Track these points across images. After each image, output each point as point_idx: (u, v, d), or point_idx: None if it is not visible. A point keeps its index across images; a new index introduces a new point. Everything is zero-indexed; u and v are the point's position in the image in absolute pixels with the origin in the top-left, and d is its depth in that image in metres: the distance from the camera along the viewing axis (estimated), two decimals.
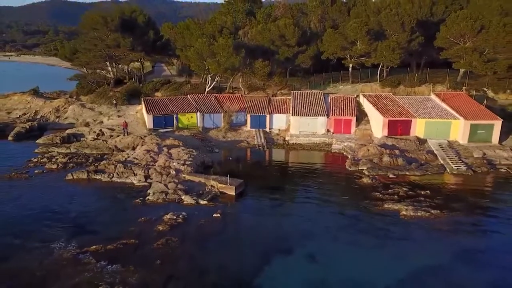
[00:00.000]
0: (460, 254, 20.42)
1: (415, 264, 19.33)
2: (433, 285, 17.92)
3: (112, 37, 53.39)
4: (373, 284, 17.86)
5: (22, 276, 17.91)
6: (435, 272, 18.84)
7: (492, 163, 33.51)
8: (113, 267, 18.44)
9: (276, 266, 19.19)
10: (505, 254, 20.71)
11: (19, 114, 50.67)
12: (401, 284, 17.92)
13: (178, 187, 27.55)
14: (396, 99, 42.25)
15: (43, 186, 28.56)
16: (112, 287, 16.78)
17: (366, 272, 18.75)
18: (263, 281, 18.07)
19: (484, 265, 19.76)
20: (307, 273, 18.70)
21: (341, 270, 18.90)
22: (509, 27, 42.21)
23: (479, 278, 18.64)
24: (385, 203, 25.62)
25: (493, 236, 22.77)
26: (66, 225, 22.54)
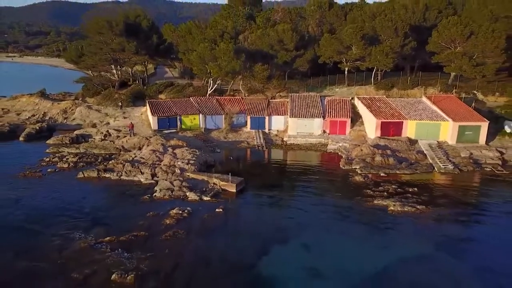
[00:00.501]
0: (442, 244, 22.43)
1: (400, 253, 21.39)
2: (415, 271, 19.95)
3: (117, 41, 55.39)
4: (361, 270, 19.88)
5: (46, 262, 19.94)
6: (418, 260, 20.89)
7: (478, 162, 35.56)
8: (126, 255, 20.49)
9: (273, 255, 21.24)
10: (484, 244, 22.76)
11: (28, 116, 52.70)
12: (387, 270, 19.94)
13: (183, 184, 29.61)
14: (389, 102, 44.30)
15: (56, 184, 30.60)
16: (126, 272, 18.79)
17: (355, 259, 20.80)
18: (262, 268, 20.10)
19: (464, 253, 21.76)
20: (302, 260, 20.74)
21: (332, 258, 20.92)
22: (497, 33, 44.25)
23: (459, 264, 20.65)
24: (375, 199, 27.67)
25: (473, 228, 24.82)
26: (82, 219, 24.60)
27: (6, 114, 54.26)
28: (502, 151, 37.30)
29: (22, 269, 19.45)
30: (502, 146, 38.44)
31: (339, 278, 19.18)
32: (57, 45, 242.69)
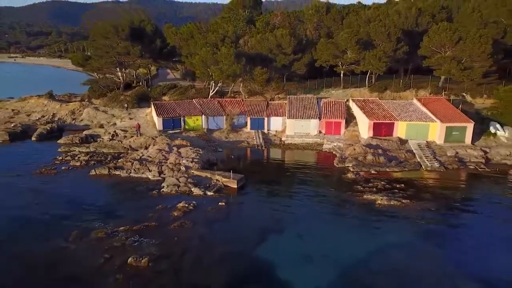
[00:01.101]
0: (422, 233, 24.92)
1: (383, 241, 23.87)
2: (397, 256, 22.41)
3: (122, 45, 57.86)
4: (349, 255, 22.35)
5: (69, 248, 22.41)
6: (400, 246, 23.37)
7: (463, 161, 38.06)
8: (139, 242, 22.97)
9: (271, 242, 23.72)
10: (461, 233, 25.26)
11: (38, 117, 55.18)
12: (372, 255, 22.41)
13: (188, 181, 32.09)
14: (381, 103, 46.79)
15: (71, 181, 33.09)
16: (141, 256, 21.26)
17: (344, 247, 23.31)
18: (260, 254, 22.56)
19: (442, 241, 24.21)
20: (296, 247, 23.22)
21: (323, 245, 23.37)
22: (484, 39, 46.71)
23: (437, 250, 23.12)
24: (365, 194, 30.17)
25: (452, 219, 27.28)
26: (97, 211, 27.10)
27: (16, 115, 56.75)
28: (486, 150, 39.81)
29: (48, 254, 21.91)
30: (486, 146, 40.94)
31: (328, 262, 21.63)
32: (59, 45, 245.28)
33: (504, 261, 22.07)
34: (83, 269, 20.51)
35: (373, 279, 20.23)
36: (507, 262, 21.95)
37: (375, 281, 20.06)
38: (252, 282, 19.99)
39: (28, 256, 21.72)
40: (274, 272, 20.68)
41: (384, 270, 21.07)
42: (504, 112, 44.81)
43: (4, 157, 39.13)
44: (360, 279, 20.31)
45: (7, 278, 19.93)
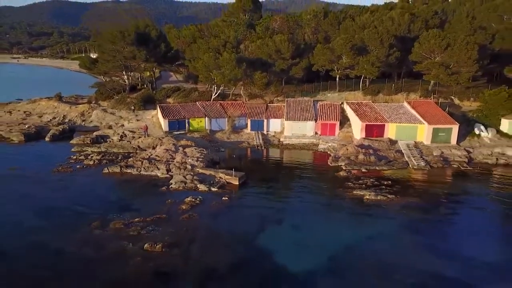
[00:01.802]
0: (405, 225, 27.94)
1: (369, 230, 26.88)
2: (380, 244, 25.40)
3: (128, 49, 60.87)
4: (339, 242, 25.37)
5: (92, 237, 25.42)
6: (382, 235, 26.38)
7: (447, 160, 41.10)
8: (153, 231, 25.98)
9: (270, 232, 26.76)
10: (439, 224, 28.28)
11: (49, 118, 58.18)
12: (357, 243, 25.42)
13: (194, 178, 35.10)
14: (374, 106, 49.80)
15: (86, 178, 36.08)
16: (155, 243, 24.26)
17: (333, 235, 26.32)
18: (260, 242, 25.57)
19: (421, 231, 27.20)
20: (292, 236, 26.25)
21: (316, 234, 26.37)
22: (471, 45, 49.68)
23: (418, 240, 26.06)
24: (355, 190, 33.19)
25: (431, 212, 30.23)
26: (113, 205, 30.10)
27: (29, 117, 59.77)
28: (470, 150, 42.86)
29: (73, 240, 24.91)
30: (470, 146, 43.99)
31: (320, 248, 24.60)
32: (61, 46, 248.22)
33: (477, 247, 25.08)
34: (106, 253, 23.52)
35: (357, 262, 23.25)
36: (479, 248, 24.94)
37: (359, 264, 23.07)
38: (253, 264, 22.99)
39: (56, 242, 24.72)
40: (272, 256, 23.70)
41: (367, 255, 24.06)
42: (489, 115, 47.85)
43: (23, 156, 42.13)
44: (346, 262, 23.34)
45: (39, 260, 22.90)
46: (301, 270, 22.24)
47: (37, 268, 22.24)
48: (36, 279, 21.34)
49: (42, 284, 20.97)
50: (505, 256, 24.47)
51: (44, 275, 21.60)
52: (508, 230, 28.65)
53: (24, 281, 21.15)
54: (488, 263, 23.27)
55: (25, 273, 21.81)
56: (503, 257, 24.25)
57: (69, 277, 21.51)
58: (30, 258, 23.27)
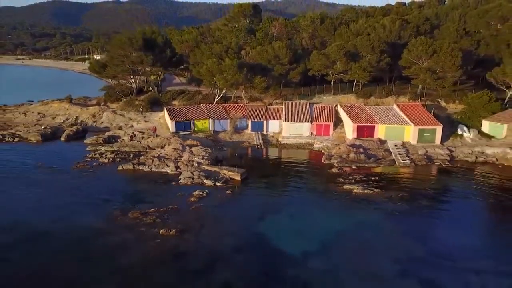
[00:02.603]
0: (386, 214, 31.81)
1: (356, 219, 30.77)
2: (364, 229, 29.29)
3: (136, 54, 64.73)
4: (328, 228, 29.26)
5: (113, 224, 29.31)
6: (367, 223, 30.24)
7: (431, 158, 45.01)
8: (166, 220, 29.88)
9: (269, 220, 30.66)
10: (417, 213, 32.14)
11: (63, 119, 62.11)
12: (345, 228, 29.32)
13: (200, 174, 39.00)
14: (365, 108, 53.70)
15: (103, 174, 40.00)
16: (170, 229, 28.15)
17: (325, 222, 30.21)
18: (260, 228, 29.46)
19: (401, 220, 31.06)
20: (289, 223, 30.17)
21: (309, 222, 30.26)
22: (455, 52, 53.60)
23: (397, 227, 29.93)
24: (345, 185, 37.09)
25: (411, 203, 34.02)
26: (129, 198, 33.99)
27: (43, 118, 63.71)
28: (452, 149, 46.79)
29: (96, 227, 28.79)
30: (453, 145, 47.92)
31: (312, 234, 28.46)
32: (64, 47, 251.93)
33: (449, 232, 28.98)
34: (127, 238, 27.39)
35: (343, 244, 27.16)
36: (451, 232, 28.83)
37: (345, 246, 26.98)
38: (253, 247, 26.87)
39: (80, 229, 28.61)
40: (270, 240, 27.58)
41: (352, 238, 27.98)
42: (471, 116, 51.78)
43: (43, 155, 46.00)
44: (334, 244, 27.24)
45: (65, 244, 26.76)
46: (296, 251, 26.13)
47: (69, 248, 26.13)
48: (69, 255, 25.21)
49: (74, 260, 24.81)
50: (474, 238, 28.34)
51: (75, 253, 25.49)
52: (479, 217, 32.52)
53: (61, 256, 25.01)
54: (459, 245, 27.17)
55: (61, 250, 25.72)
56: (472, 239, 28.12)
57: (98, 255, 25.42)
58: (64, 238, 27.21)
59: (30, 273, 23.45)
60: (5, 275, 23.44)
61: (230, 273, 23.71)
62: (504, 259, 25.82)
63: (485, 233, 30.15)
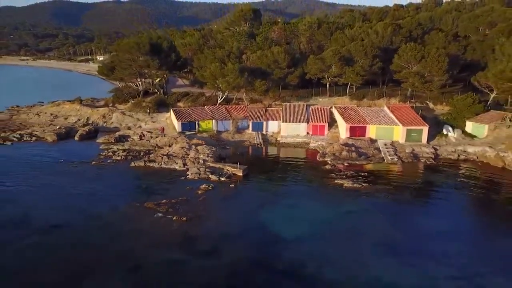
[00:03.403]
0: (372, 205, 35.80)
1: (344, 208, 34.80)
2: (351, 218, 33.32)
3: (143, 59, 68.74)
4: (320, 216, 33.26)
5: (130, 213, 33.32)
6: (354, 212, 34.26)
7: (417, 156, 49.01)
8: (177, 209, 33.90)
9: (267, 209, 34.66)
10: (400, 204, 36.16)
11: (75, 120, 66.13)
12: (335, 216, 33.35)
13: (206, 170, 43.00)
14: (358, 110, 57.70)
15: (117, 170, 44.00)
16: (180, 217, 32.18)
17: (317, 211, 34.21)
18: (260, 216, 33.44)
19: (386, 210, 34.98)
20: (285, 212, 34.18)
21: (303, 211, 34.28)
22: (442, 57, 57.60)
23: (380, 216, 33.91)
24: (336, 180, 41.13)
25: (395, 196, 38.06)
26: (143, 191, 38.04)
27: (56, 119, 67.74)
28: (437, 148, 50.79)
29: (116, 215, 32.81)
30: (438, 144, 51.91)
31: (306, 221, 32.47)
32: (67, 48, 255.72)
33: (428, 219, 32.99)
34: (145, 224, 31.43)
35: (332, 229, 31.20)
36: (430, 220, 32.84)
37: (334, 231, 31.02)
38: (254, 231, 30.89)
39: (105, 216, 32.65)
40: (269, 226, 31.61)
41: (341, 225, 32.03)
42: (456, 117, 55.72)
43: (60, 153, 49.96)
44: (324, 229, 31.25)
45: (88, 231, 30.75)
46: (290, 235, 30.16)
47: (92, 233, 30.16)
48: (96, 237, 29.22)
49: (97, 245, 28.80)
50: (447, 224, 32.31)
51: (102, 235, 29.52)
52: (455, 207, 36.43)
53: (90, 237, 29.03)
54: (434, 230, 31.23)
55: (84, 236, 29.75)
56: (445, 225, 32.09)
57: (121, 236, 29.45)
58: (87, 225, 31.25)
59: (67, 247, 27.48)
60: (46, 247, 27.43)
61: (233, 252, 27.73)
62: (471, 239, 29.93)
63: (458, 220, 34.09)
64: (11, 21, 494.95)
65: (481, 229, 33.31)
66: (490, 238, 30.87)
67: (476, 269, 26.28)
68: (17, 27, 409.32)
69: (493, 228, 32.77)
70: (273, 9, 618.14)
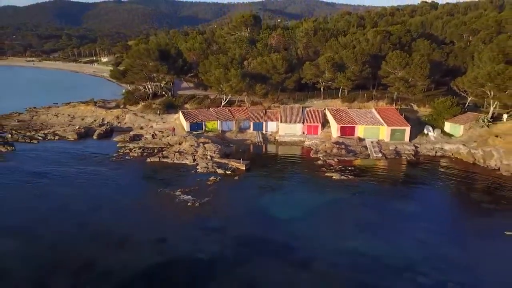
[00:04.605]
0: (356, 193, 42.16)
1: (332, 196, 41.15)
2: (337, 204, 39.67)
3: (153, 64, 75.10)
4: (310, 202, 39.59)
5: (151, 200, 39.65)
6: (340, 200, 40.60)
7: (399, 153, 55.35)
8: (191, 196, 40.25)
9: (266, 197, 41.06)
10: (380, 193, 42.48)
11: (91, 120, 72.44)
12: (324, 203, 39.69)
13: (213, 165, 49.33)
14: (348, 112, 64.04)
15: (135, 165, 50.36)
16: (194, 203, 38.52)
17: (308, 199, 40.59)
18: (260, 202, 39.78)
19: (367, 197, 41.31)
20: (282, 199, 40.60)
21: (297, 198, 40.64)
22: (424, 64, 63.89)
23: (362, 202, 40.24)
24: (326, 173, 47.50)
25: (377, 186, 44.42)
26: (160, 182, 44.41)
27: (73, 119, 74.05)
28: (417, 146, 57.14)
29: (139, 202, 39.17)
30: (419, 143, 58.25)
31: (298, 206, 38.81)
32: (72, 50, 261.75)
33: (402, 205, 39.33)
34: (167, 207, 37.83)
35: (320, 213, 37.59)
36: (403, 206, 39.17)
37: (321, 214, 37.38)
38: (255, 213, 37.27)
39: (130, 202, 39.02)
40: (267, 209, 38.01)
41: (327, 209, 38.41)
42: (437, 118, 62.05)
43: (82, 150, 56.33)
44: (313, 212, 37.61)
45: (122, 211, 37.12)
46: (285, 216, 36.57)
47: (126, 213, 36.54)
48: (126, 218, 35.57)
49: (129, 221, 35.15)
50: (419, 207, 38.65)
51: (131, 216, 35.89)
52: (428, 194, 42.74)
53: (121, 217, 35.39)
54: (409, 213, 37.66)
55: (119, 215, 36.13)
56: (416, 208, 38.45)
57: (147, 218, 35.83)
58: (122, 207, 37.72)
59: (108, 220, 33.87)
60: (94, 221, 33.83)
61: (238, 229, 34.21)
62: (437, 218, 36.47)
63: (429, 204, 40.47)
64: (13, 21, 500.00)
65: (448, 211, 39.75)
66: (454, 218, 37.42)
67: (437, 241, 32.64)
68: (19, 27, 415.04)
69: (457, 210, 39.37)
70: (273, 9, 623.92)
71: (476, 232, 34.23)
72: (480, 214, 38.10)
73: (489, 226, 35.18)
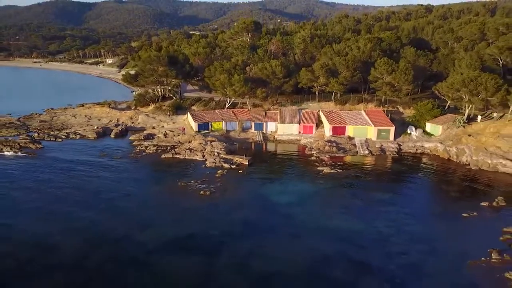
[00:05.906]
0: (344, 184, 49.30)
1: (322, 186, 48.31)
2: (326, 192, 46.81)
3: (162, 69, 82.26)
4: (303, 191, 46.72)
5: (170, 189, 46.79)
6: (329, 189, 47.77)
7: (384, 150, 62.51)
8: (203, 186, 47.37)
9: (266, 187, 48.22)
10: (365, 184, 49.59)
11: (107, 121, 79.52)
12: (315, 191, 46.83)
13: (220, 160, 56.46)
14: (340, 113, 71.17)
15: (150, 161, 57.51)
16: (206, 192, 45.65)
17: (302, 188, 47.69)
18: (261, 191, 46.91)
19: (353, 188, 48.44)
20: (279, 188, 47.70)
21: (292, 188, 47.74)
22: (408, 70, 71.00)
23: (349, 191, 47.33)
24: (319, 167, 54.65)
25: (363, 178, 51.50)
26: (175, 174, 51.53)
27: (90, 120, 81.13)
28: (401, 144, 64.30)
29: (160, 192, 46.29)
30: (402, 141, 65.41)
31: (293, 194, 45.93)
32: (77, 51, 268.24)
33: (381, 194, 46.45)
34: (182, 195, 44.96)
35: (312, 199, 44.73)
36: (381, 194, 46.29)
37: (313, 200, 44.54)
38: (256, 200, 44.42)
39: (151, 192, 46.16)
40: (267, 197, 45.18)
41: (318, 196, 45.58)
42: (419, 119, 69.20)
43: (102, 148, 63.40)
44: (306, 199, 44.76)
45: (135, 203, 44.23)
46: (282, 203, 43.73)
47: (151, 199, 43.70)
48: (146, 205, 42.70)
49: (149, 208, 42.27)
50: (395, 195, 45.77)
51: (154, 201, 43.04)
52: (407, 185, 49.86)
53: (144, 205, 42.51)
54: (387, 200, 44.72)
55: (144, 201, 43.30)
56: (393, 196, 45.59)
57: (165, 204, 42.97)
58: (146, 195, 44.85)
59: (134, 208, 41.01)
60: (123, 207, 40.96)
61: (244, 212, 41.33)
62: (408, 204, 43.62)
63: (406, 193, 47.65)
64: (14, 21, 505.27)
65: (420, 199, 46.83)
66: (424, 204, 44.61)
67: (406, 221, 39.75)
68: (22, 28, 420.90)
69: (428, 197, 46.48)
70: (272, 9, 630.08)
71: (439, 215, 41.48)
72: (446, 200, 45.37)
73: (452, 210, 42.33)
